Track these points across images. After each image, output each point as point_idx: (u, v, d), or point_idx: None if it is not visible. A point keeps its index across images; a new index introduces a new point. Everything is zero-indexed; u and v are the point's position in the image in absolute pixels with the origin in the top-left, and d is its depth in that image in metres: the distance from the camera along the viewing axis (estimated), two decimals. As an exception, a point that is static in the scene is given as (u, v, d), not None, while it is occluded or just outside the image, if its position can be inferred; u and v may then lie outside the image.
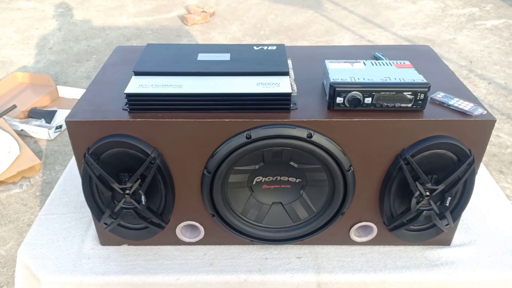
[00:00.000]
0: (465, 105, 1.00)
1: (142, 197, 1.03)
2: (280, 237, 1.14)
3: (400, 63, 1.07)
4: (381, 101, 0.97)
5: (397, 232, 1.12)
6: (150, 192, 1.05)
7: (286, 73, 1.03)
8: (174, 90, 0.97)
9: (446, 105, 1.01)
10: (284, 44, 1.17)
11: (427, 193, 1.03)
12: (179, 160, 1.02)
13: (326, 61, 1.08)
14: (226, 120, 0.96)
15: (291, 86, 1.06)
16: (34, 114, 2.84)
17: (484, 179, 1.40)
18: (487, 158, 2.53)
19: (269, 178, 1.08)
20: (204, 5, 4.75)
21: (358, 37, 4.10)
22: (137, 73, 1.03)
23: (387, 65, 1.06)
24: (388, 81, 0.98)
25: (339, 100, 0.97)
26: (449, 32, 4.20)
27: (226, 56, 1.10)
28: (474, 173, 1.03)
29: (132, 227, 1.12)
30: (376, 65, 1.06)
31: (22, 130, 2.70)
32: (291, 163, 1.04)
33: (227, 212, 1.08)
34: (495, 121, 0.98)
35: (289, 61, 1.21)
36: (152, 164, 0.99)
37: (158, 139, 0.99)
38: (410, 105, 0.98)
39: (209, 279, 1.10)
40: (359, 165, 1.02)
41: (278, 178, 1.08)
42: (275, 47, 1.15)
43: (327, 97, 1.01)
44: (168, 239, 1.16)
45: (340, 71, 1.02)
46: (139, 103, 0.97)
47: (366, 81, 0.97)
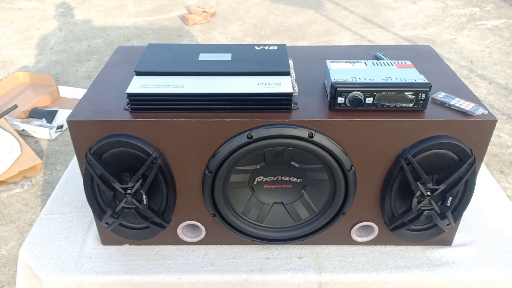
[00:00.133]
0: (466, 105, 1.00)
1: (144, 196, 1.04)
2: (281, 237, 1.14)
3: (401, 63, 1.07)
4: (382, 101, 0.97)
5: (398, 232, 1.12)
6: (151, 191, 1.05)
7: (287, 73, 1.03)
8: (175, 90, 0.97)
9: (447, 105, 1.01)
10: (285, 44, 1.18)
11: (428, 193, 1.04)
12: (181, 160, 1.02)
13: (327, 61, 1.08)
14: (228, 120, 0.96)
15: (292, 86, 1.06)
16: (35, 114, 2.84)
17: (485, 179, 1.40)
18: (488, 158, 2.53)
19: (270, 178, 1.08)
20: (204, 5, 4.75)
21: (359, 37, 4.10)
22: (139, 73, 1.03)
23: (388, 65, 1.06)
24: (390, 81, 0.98)
25: (340, 100, 0.97)
26: (449, 32, 4.20)
27: (227, 56, 1.10)
28: (475, 173, 1.03)
29: (134, 227, 1.12)
30: (377, 65, 1.06)
31: (23, 130, 2.71)
32: (292, 163, 1.04)
33: (228, 212, 1.08)
34: (496, 121, 0.98)
35: (290, 61, 1.21)
36: (153, 164, 0.99)
37: (159, 139, 0.99)
38: (411, 105, 0.98)
39: (210, 279, 1.10)
40: (360, 165, 1.02)
41: (279, 178, 1.08)
42: (276, 47, 1.15)
43: (328, 97, 1.01)
44: (169, 238, 1.16)
45: (341, 71, 1.02)
46: (141, 103, 0.98)
47: (367, 81, 0.97)
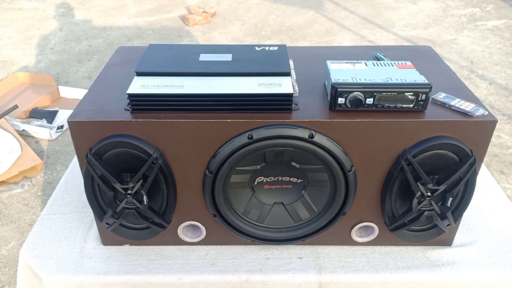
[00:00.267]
0: (466, 105, 1.00)
1: (144, 197, 1.04)
2: (282, 237, 1.14)
3: (402, 63, 1.07)
4: (382, 102, 0.97)
5: (399, 233, 1.12)
6: (152, 192, 1.05)
7: (288, 74, 1.03)
8: (176, 90, 0.97)
9: (447, 105, 1.01)
10: (285, 45, 1.18)
11: (429, 194, 1.04)
12: (181, 160, 1.02)
13: (328, 62, 1.08)
14: (228, 121, 0.96)
15: (293, 86, 1.06)
16: (36, 114, 2.84)
17: (485, 180, 1.40)
18: (488, 159, 2.53)
19: (271, 178, 1.08)
20: (205, 5, 4.75)
21: (359, 38, 4.10)
22: (139, 74, 1.03)
23: (389, 65, 1.06)
24: (390, 81, 0.98)
25: (340, 100, 0.97)
26: (450, 32, 4.20)
27: (227, 57, 1.10)
28: (475, 174, 1.03)
29: (134, 227, 1.12)
30: (378, 65, 1.06)
31: (23, 130, 2.71)
32: (293, 163, 1.04)
33: (228, 212, 1.09)
34: (496, 121, 0.98)
35: (291, 62, 1.21)
36: (154, 164, 0.99)
37: (160, 139, 0.99)
38: (411, 105, 0.98)
39: (211, 279, 1.10)
40: (361, 166, 1.03)
41: (280, 178, 1.08)
42: (276, 48, 1.15)
43: (328, 98, 1.01)
44: (169, 239, 1.16)
45: (342, 72, 1.02)
46: (141, 104, 0.98)
47: (367, 81, 0.97)
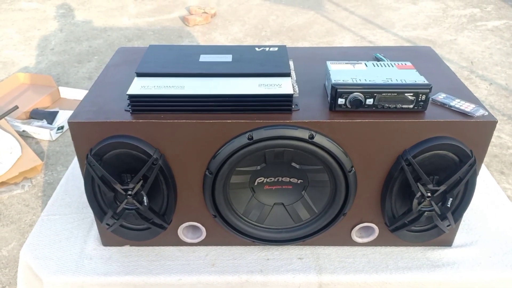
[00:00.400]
0: (466, 106, 1.01)
1: (144, 198, 1.04)
2: (282, 238, 1.14)
3: (402, 64, 1.07)
4: (382, 102, 0.97)
5: (399, 233, 1.12)
6: (152, 193, 1.05)
7: (288, 74, 1.03)
8: (176, 91, 0.97)
9: (447, 106, 1.01)
10: (285, 45, 1.18)
11: (429, 194, 1.04)
12: (181, 161, 1.02)
13: (328, 62, 1.08)
14: (228, 121, 0.96)
15: (293, 87, 1.06)
16: (36, 115, 2.84)
17: (485, 180, 1.40)
18: (488, 159, 2.53)
19: (271, 179, 1.08)
20: (205, 6, 4.75)
21: (359, 38, 4.10)
22: (140, 74, 1.03)
23: (389, 66, 1.06)
24: (390, 82, 0.98)
25: (340, 101, 0.97)
26: (450, 33, 4.20)
27: (228, 57, 1.10)
28: (475, 174, 1.03)
29: (134, 228, 1.12)
30: (378, 66, 1.06)
31: (23, 131, 2.71)
32: (293, 164, 1.04)
33: (228, 213, 1.09)
34: (496, 122, 0.98)
35: (291, 62, 1.21)
36: (154, 165, 0.99)
37: (160, 140, 0.99)
38: (411, 106, 0.98)
39: (211, 280, 1.10)
40: (361, 166, 1.03)
41: (280, 179, 1.08)
42: (276, 48, 1.15)
43: (328, 98, 1.01)
44: (170, 239, 1.16)
45: (342, 72, 1.02)
46: (141, 104, 0.98)
47: (367, 82, 0.97)
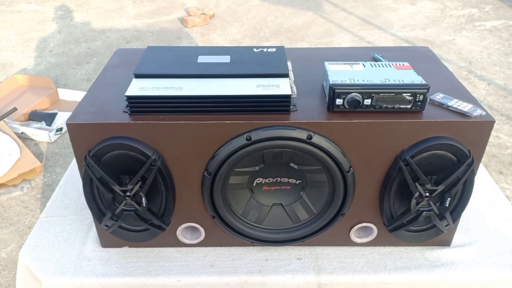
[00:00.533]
0: (464, 106, 1.01)
1: (143, 199, 1.04)
2: (281, 238, 1.14)
3: (399, 64, 1.08)
4: (380, 103, 0.98)
5: (397, 233, 1.12)
6: (150, 194, 1.05)
7: (286, 75, 1.03)
8: (174, 92, 0.97)
9: (445, 106, 1.02)
10: (283, 46, 1.18)
11: (427, 194, 1.04)
12: (180, 162, 1.02)
13: (326, 63, 1.08)
14: (226, 122, 0.97)
15: (291, 87, 1.06)
16: (35, 116, 2.84)
17: (484, 180, 1.40)
18: (487, 159, 2.54)
19: (269, 180, 1.08)
20: (203, 7, 4.76)
21: (358, 38, 4.11)
22: (138, 76, 1.03)
23: (386, 66, 1.07)
24: (388, 82, 0.98)
25: (338, 101, 0.97)
26: (448, 33, 4.21)
27: (226, 58, 1.10)
28: (473, 174, 1.03)
29: (133, 229, 1.12)
30: (375, 66, 1.07)
31: (22, 132, 2.71)
32: (291, 164, 1.04)
33: (227, 213, 1.09)
34: (494, 121, 0.98)
35: (289, 63, 1.21)
36: (152, 166, 1.00)
37: (158, 141, 0.99)
38: (409, 106, 0.98)
39: (210, 281, 1.10)
40: (359, 166, 1.03)
41: (278, 179, 1.08)
42: (275, 49, 1.16)
43: (326, 99, 1.01)
44: (168, 241, 1.16)
45: (340, 73, 1.02)
46: (140, 106, 0.98)
47: (365, 82, 0.98)
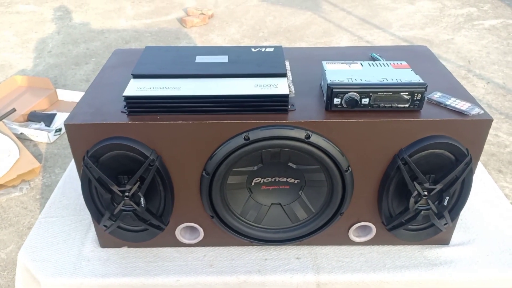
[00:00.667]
0: (462, 105, 1.01)
1: (141, 199, 1.04)
2: (279, 238, 1.14)
3: (397, 63, 1.08)
4: (378, 102, 0.98)
5: (396, 232, 1.12)
6: (149, 194, 1.05)
7: (284, 75, 1.03)
8: (172, 92, 0.97)
9: (443, 105, 1.02)
10: (281, 46, 1.18)
11: (425, 193, 1.04)
12: (178, 162, 1.02)
13: (323, 62, 1.08)
14: (225, 122, 0.97)
15: (289, 87, 1.07)
16: (34, 117, 2.84)
17: (483, 179, 1.40)
18: (486, 158, 2.54)
19: (268, 179, 1.08)
20: (202, 7, 4.76)
21: (356, 38, 4.11)
22: (136, 76, 1.03)
23: (384, 65, 1.07)
24: (385, 81, 0.98)
25: (336, 101, 0.98)
26: (447, 32, 4.21)
27: (224, 58, 1.10)
28: (471, 172, 1.03)
29: (132, 229, 1.12)
30: (373, 66, 1.07)
31: (21, 133, 2.71)
32: (290, 164, 1.04)
33: (226, 213, 1.09)
34: (492, 120, 0.98)
35: (287, 63, 1.21)
36: (151, 166, 1.00)
37: (157, 141, 0.99)
38: (407, 105, 0.98)
39: (209, 281, 1.10)
40: (357, 166, 1.03)
41: (277, 179, 1.08)
42: (272, 49, 1.16)
43: (324, 98, 1.01)
44: (167, 241, 1.16)
45: (337, 72, 1.03)
46: (138, 106, 0.98)
47: (363, 82, 0.98)
